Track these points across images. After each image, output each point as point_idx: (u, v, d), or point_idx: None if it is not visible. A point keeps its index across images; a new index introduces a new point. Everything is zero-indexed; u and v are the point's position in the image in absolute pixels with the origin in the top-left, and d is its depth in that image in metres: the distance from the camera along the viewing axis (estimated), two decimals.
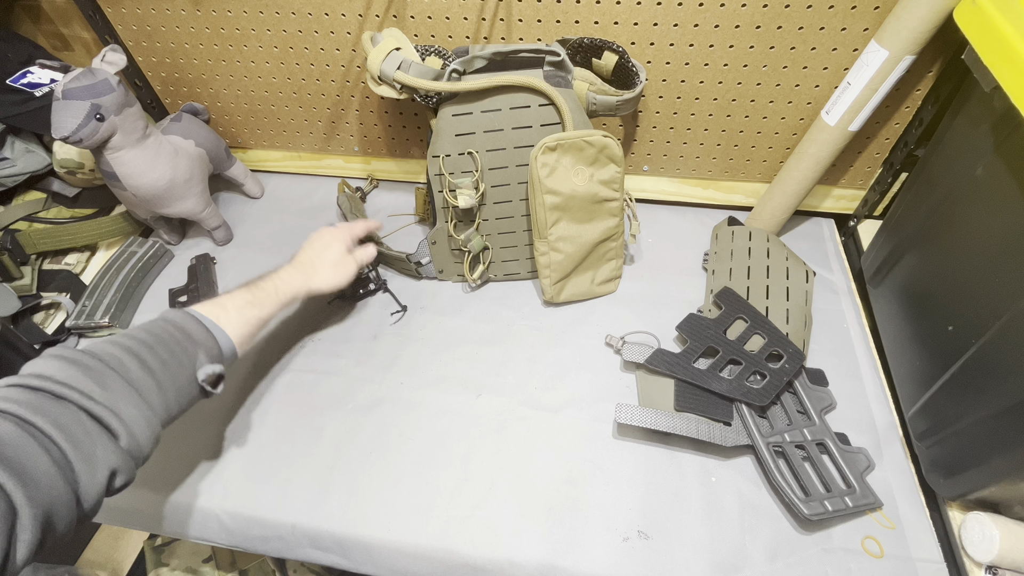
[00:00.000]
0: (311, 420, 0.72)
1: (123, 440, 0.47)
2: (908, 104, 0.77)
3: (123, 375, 0.49)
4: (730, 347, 0.70)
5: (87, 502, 0.44)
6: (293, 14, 0.83)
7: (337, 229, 0.77)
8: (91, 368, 0.48)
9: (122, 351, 0.51)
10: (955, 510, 0.61)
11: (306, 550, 0.64)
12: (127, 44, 0.93)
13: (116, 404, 0.47)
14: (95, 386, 0.46)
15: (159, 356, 0.52)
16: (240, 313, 0.61)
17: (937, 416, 0.61)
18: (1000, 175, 0.55)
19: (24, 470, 0.39)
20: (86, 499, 0.44)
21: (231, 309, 0.61)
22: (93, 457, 0.44)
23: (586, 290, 0.82)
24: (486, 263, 0.84)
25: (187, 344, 0.55)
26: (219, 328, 0.59)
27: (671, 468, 0.66)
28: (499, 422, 0.71)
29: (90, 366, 0.48)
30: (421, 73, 0.69)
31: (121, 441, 0.47)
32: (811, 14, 0.70)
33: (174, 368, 0.53)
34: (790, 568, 0.58)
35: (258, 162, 1.08)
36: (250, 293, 0.64)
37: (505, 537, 0.62)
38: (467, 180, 0.76)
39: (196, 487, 0.67)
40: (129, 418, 0.48)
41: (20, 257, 0.86)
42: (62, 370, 0.46)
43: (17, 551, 0.38)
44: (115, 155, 0.77)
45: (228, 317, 0.60)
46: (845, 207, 0.92)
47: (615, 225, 0.78)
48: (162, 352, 0.53)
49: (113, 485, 0.46)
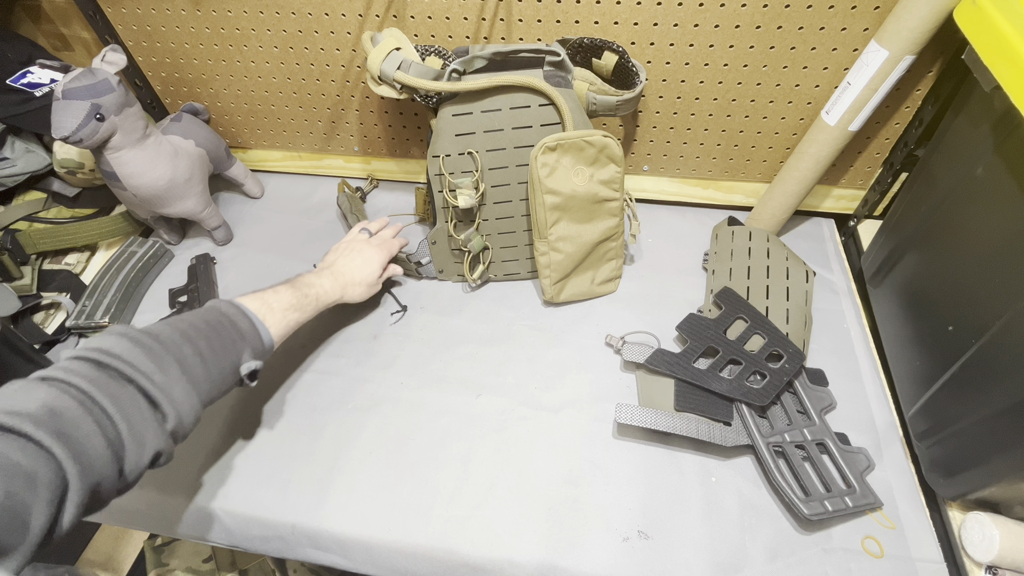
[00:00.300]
0: (311, 420, 0.72)
1: (171, 423, 0.50)
2: (908, 104, 0.77)
3: (179, 360, 0.51)
4: (730, 347, 0.70)
5: (128, 478, 0.47)
6: (293, 14, 0.83)
7: (380, 249, 0.78)
8: (153, 350, 0.50)
9: (181, 336, 0.53)
10: (955, 510, 0.61)
11: (306, 550, 0.64)
12: (127, 44, 0.93)
13: (171, 388, 0.50)
14: (156, 368, 0.49)
15: (212, 345, 0.55)
16: (284, 315, 0.64)
17: (937, 416, 0.61)
18: (1000, 175, 0.55)
19: (79, 447, 0.42)
20: (128, 476, 0.46)
21: (276, 309, 0.63)
22: (143, 439, 0.47)
23: (586, 290, 0.82)
24: (486, 263, 0.84)
25: (236, 337, 0.58)
26: (264, 326, 0.61)
27: (671, 468, 0.66)
28: (499, 422, 0.71)
29: (152, 348, 0.50)
30: (421, 73, 0.69)
31: (169, 424, 0.49)
32: (811, 14, 0.70)
33: (221, 358, 0.56)
34: (790, 568, 0.58)
35: (258, 162, 1.08)
36: (295, 297, 0.66)
37: (505, 537, 0.62)
38: (467, 180, 0.76)
39: (196, 487, 0.67)
40: (179, 402, 0.50)
41: (20, 257, 0.86)
42: (128, 349, 0.49)
43: (63, 522, 0.40)
44: (115, 155, 0.77)
45: (273, 316, 0.63)
46: (845, 207, 0.92)
47: (615, 225, 0.78)
48: (215, 340, 0.56)
49: (156, 464, 0.49)
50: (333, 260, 0.76)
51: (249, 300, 0.62)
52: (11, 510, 0.37)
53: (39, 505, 0.38)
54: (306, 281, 0.69)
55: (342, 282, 0.73)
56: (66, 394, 0.44)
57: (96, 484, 0.43)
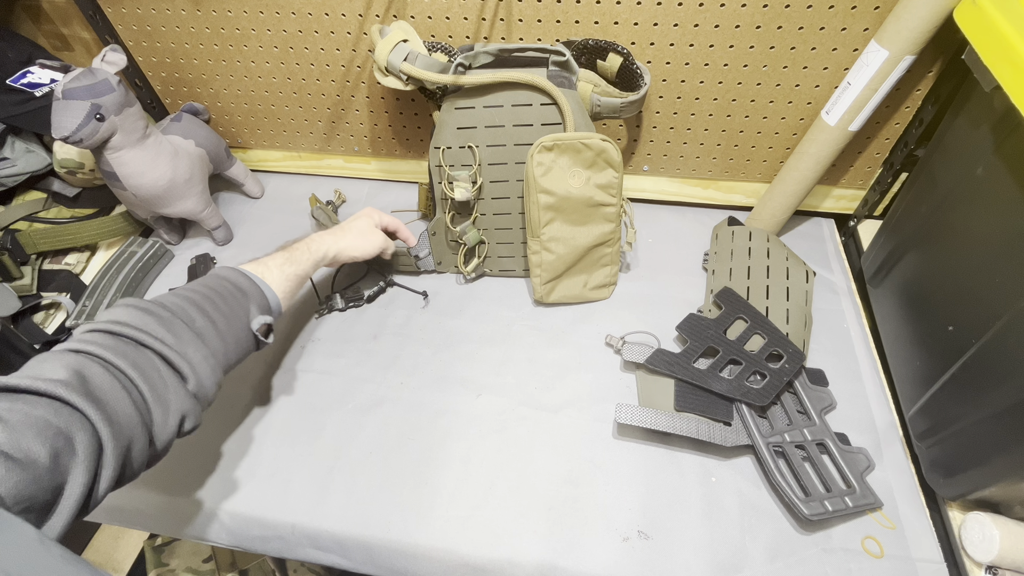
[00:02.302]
0: (311, 420, 0.72)
1: (191, 384, 0.51)
2: (908, 104, 0.77)
3: (189, 324, 0.53)
4: (730, 347, 0.70)
5: (159, 443, 0.48)
6: (293, 14, 0.83)
7: (369, 208, 0.81)
8: (162, 317, 0.51)
9: (187, 302, 0.55)
10: (955, 510, 0.61)
11: (306, 550, 0.65)
12: (127, 44, 0.93)
13: (185, 351, 0.51)
14: (168, 333, 0.50)
15: (219, 308, 0.56)
16: (281, 270, 0.66)
17: (937, 416, 0.61)
18: (1000, 175, 0.55)
19: (110, 409, 0.43)
20: (159, 440, 0.48)
21: (273, 267, 0.66)
22: (167, 401, 0.48)
23: (578, 293, 0.82)
24: (481, 256, 0.84)
25: (240, 297, 0.60)
26: (265, 284, 0.63)
27: (671, 468, 0.66)
28: (499, 422, 0.71)
29: (161, 315, 0.51)
30: (427, 65, 0.69)
31: (190, 385, 0.51)
32: (811, 14, 0.70)
33: (231, 319, 0.57)
34: (790, 568, 0.58)
35: (258, 162, 1.08)
36: (287, 252, 0.68)
37: (505, 537, 0.62)
38: (465, 173, 0.76)
39: (196, 487, 0.67)
40: (197, 364, 0.52)
41: (20, 257, 0.86)
42: (138, 318, 0.50)
43: (101, 483, 0.42)
44: (115, 155, 0.77)
45: (271, 274, 0.65)
46: (845, 207, 0.92)
47: (611, 231, 0.78)
48: (221, 304, 0.57)
49: (184, 428, 0.50)
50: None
51: (247, 264, 0.65)
52: (54, 472, 0.37)
53: (78, 467, 0.39)
54: (295, 240, 0.72)
55: (333, 232, 0.75)
56: (90, 360, 0.45)
57: (127, 448, 0.44)
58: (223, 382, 0.56)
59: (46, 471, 0.37)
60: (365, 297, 0.85)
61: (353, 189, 1.05)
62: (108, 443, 0.42)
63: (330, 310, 0.84)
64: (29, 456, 0.36)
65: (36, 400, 0.40)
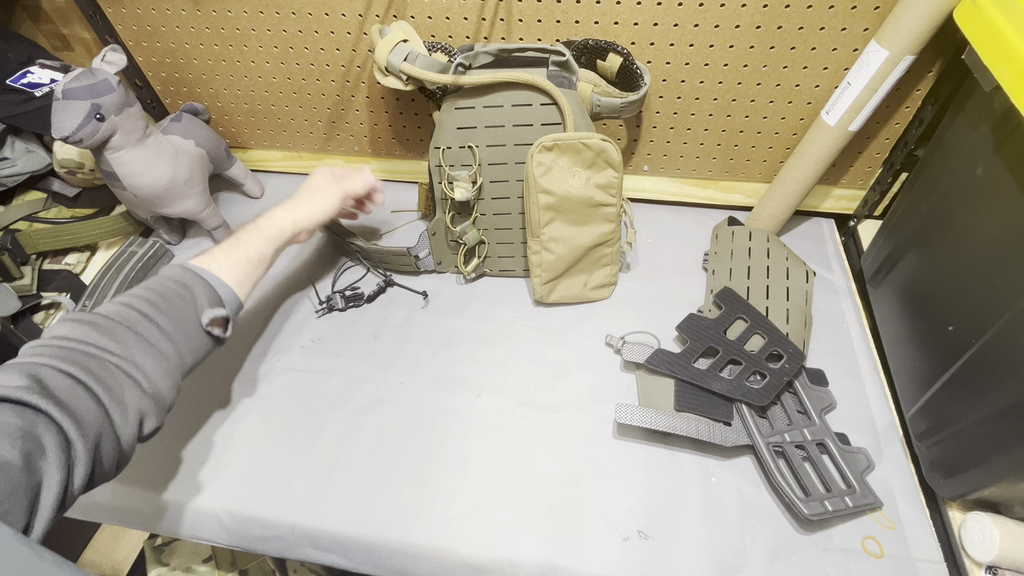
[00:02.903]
0: (311, 420, 0.72)
1: (145, 385, 0.51)
2: (908, 104, 0.77)
3: (132, 328, 0.52)
4: (730, 347, 0.70)
5: (124, 446, 0.48)
6: (293, 14, 0.83)
7: (319, 167, 0.77)
8: (101, 326, 0.51)
9: (127, 308, 0.54)
10: (955, 510, 0.61)
11: (306, 550, 0.64)
12: (127, 44, 0.93)
13: (132, 355, 0.51)
14: (111, 341, 0.50)
15: (160, 308, 0.55)
16: (228, 256, 0.63)
17: (937, 416, 0.61)
18: (1000, 175, 0.55)
19: (72, 408, 0.43)
20: (123, 443, 0.48)
21: (219, 256, 0.63)
22: (123, 400, 0.48)
23: (577, 293, 0.82)
24: (481, 257, 0.84)
25: (185, 293, 0.58)
26: (211, 274, 0.61)
27: (671, 468, 0.66)
28: (499, 422, 0.71)
29: (100, 324, 0.51)
30: (427, 65, 0.69)
31: (143, 386, 0.50)
32: (811, 14, 0.70)
33: (177, 318, 0.56)
34: (790, 568, 0.58)
35: (258, 162, 1.08)
36: (234, 237, 0.66)
37: (505, 537, 0.62)
38: (465, 173, 0.76)
39: (196, 487, 0.67)
40: (146, 367, 0.51)
41: (20, 257, 0.86)
42: (77, 330, 0.50)
43: (75, 480, 0.42)
44: (115, 155, 0.77)
45: (218, 263, 0.62)
46: (845, 207, 0.92)
47: (610, 231, 0.78)
48: (162, 304, 0.55)
49: (143, 431, 0.50)
50: None
51: (194, 259, 0.63)
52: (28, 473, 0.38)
53: (51, 467, 0.40)
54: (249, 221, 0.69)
55: (284, 204, 0.71)
56: (43, 367, 0.45)
57: (96, 444, 0.44)
58: (182, 384, 0.56)
59: (20, 472, 0.37)
60: (365, 297, 0.85)
61: None
62: (76, 441, 0.42)
63: (330, 310, 0.84)
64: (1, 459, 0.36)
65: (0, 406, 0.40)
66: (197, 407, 0.74)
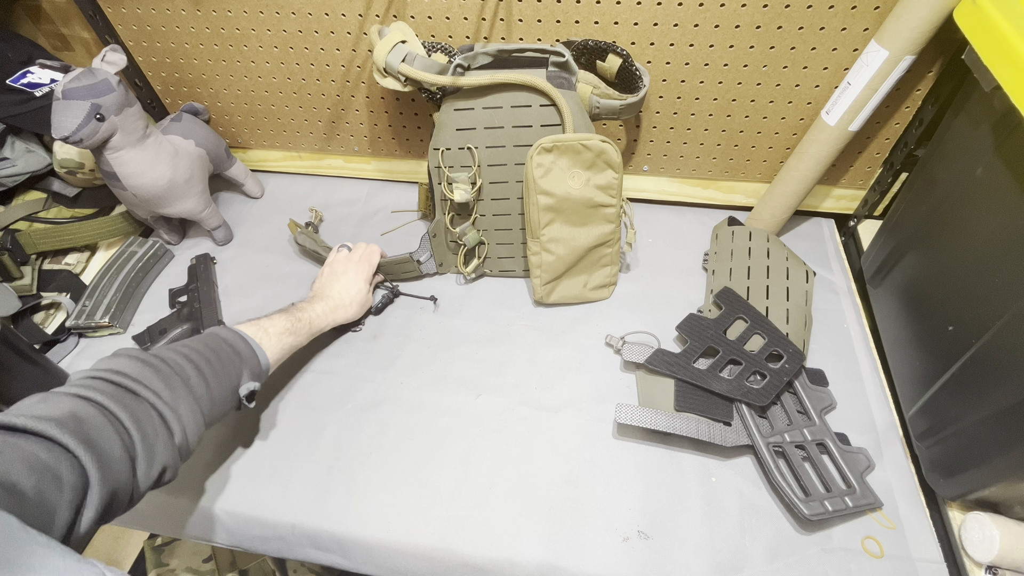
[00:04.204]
0: (311, 420, 0.72)
1: (177, 438, 0.52)
2: (908, 104, 0.77)
3: (184, 380, 0.54)
4: (730, 347, 0.70)
5: (138, 491, 0.48)
6: (293, 14, 0.83)
7: (360, 265, 0.80)
8: (160, 370, 0.53)
9: (184, 360, 0.56)
10: (955, 510, 0.61)
11: (306, 550, 0.65)
12: (127, 44, 0.93)
13: (177, 405, 0.52)
14: (164, 387, 0.52)
15: (214, 368, 0.57)
16: (279, 339, 0.67)
17: (937, 416, 0.61)
18: (1000, 175, 0.55)
19: (102, 451, 0.44)
20: (139, 488, 0.48)
21: (272, 334, 0.66)
22: (154, 451, 0.49)
23: (578, 294, 0.82)
24: (481, 257, 0.84)
25: (236, 360, 0.60)
26: (260, 349, 0.64)
27: (671, 468, 0.66)
28: (499, 422, 0.71)
29: (159, 368, 0.53)
30: (425, 66, 0.69)
31: (176, 439, 0.52)
32: (811, 14, 0.70)
33: (223, 380, 0.58)
34: (790, 568, 0.58)
35: (258, 162, 1.08)
36: (288, 322, 0.69)
37: (505, 537, 0.62)
38: (464, 175, 0.76)
39: (196, 487, 0.67)
40: (185, 419, 0.52)
41: (20, 257, 0.86)
42: (138, 369, 0.51)
43: (80, 526, 0.41)
44: (115, 155, 0.77)
45: (269, 341, 0.65)
46: (845, 207, 0.92)
47: (610, 232, 0.78)
48: (216, 364, 0.58)
49: (163, 479, 0.51)
50: (321, 287, 0.78)
51: (246, 326, 0.65)
52: (39, 505, 0.38)
53: (63, 505, 0.40)
54: (299, 307, 0.73)
55: (332, 305, 0.75)
56: (88, 404, 0.46)
57: (114, 491, 0.44)
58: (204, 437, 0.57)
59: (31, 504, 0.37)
60: (373, 309, 0.84)
61: (353, 189, 1.05)
62: (95, 485, 0.42)
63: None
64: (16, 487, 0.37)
65: (30, 438, 0.40)
66: None
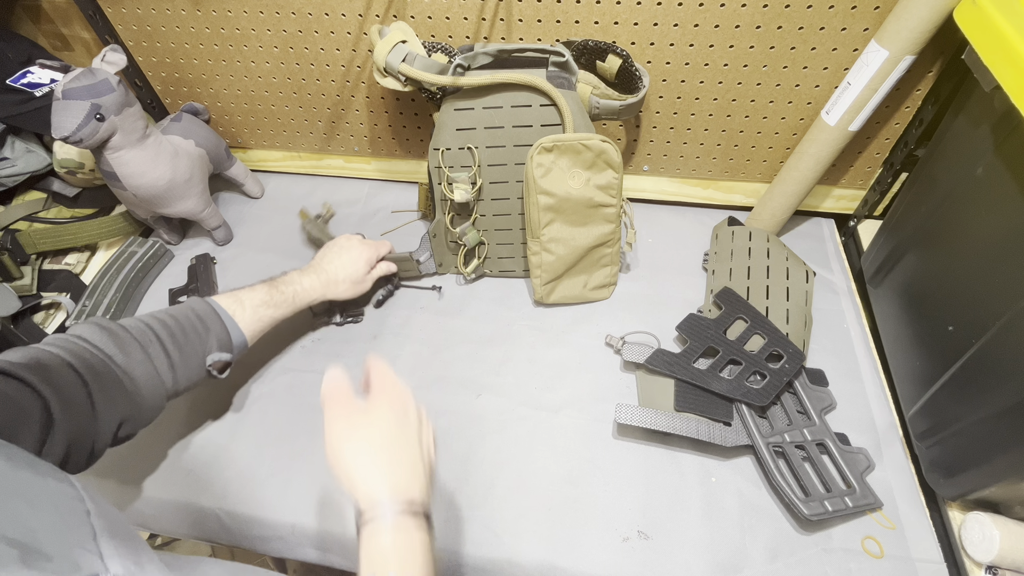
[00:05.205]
0: (311, 420, 0.72)
1: (134, 396, 0.55)
2: (908, 104, 0.77)
3: (143, 346, 0.56)
4: (730, 347, 0.70)
5: (98, 443, 0.51)
6: (293, 14, 0.83)
7: (366, 245, 0.79)
8: (118, 336, 0.55)
9: (146, 328, 0.58)
10: (955, 510, 0.61)
11: (306, 550, 0.64)
12: (127, 44, 0.93)
13: (132, 368, 0.55)
14: (118, 351, 0.54)
15: (175, 338, 0.59)
16: (255, 311, 0.66)
17: (937, 416, 0.61)
18: (1000, 175, 0.55)
19: (64, 394, 0.47)
20: (98, 439, 0.51)
21: (248, 306, 0.66)
22: (113, 401, 0.52)
23: (578, 294, 0.82)
24: (481, 258, 0.84)
25: (202, 331, 0.61)
26: (233, 322, 0.64)
27: (671, 468, 0.66)
28: (499, 422, 0.71)
29: (118, 335, 0.55)
30: (425, 66, 0.69)
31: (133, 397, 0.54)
32: (811, 14, 0.70)
33: (186, 350, 0.60)
34: (790, 568, 0.58)
35: (258, 162, 1.08)
36: (268, 294, 0.68)
37: (505, 537, 0.62)
38: (464, 175, 0.76)
39: (196, 487, 0.67)
40: (140, 382, 0.55)
41: (20, 257, 0.86)
42: (95, 334, 0.54)
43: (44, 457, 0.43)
44: (115, 155, 0.77)
45: (244, 313, 0.65)
46: (845, 207, 0.92)
47: (610, 232, 0.78)
48: (179, 334, 0.60)
49: (120, 433, 0.54)
50: (320, 258, 0.77)
51: (223, 298, 0.66)
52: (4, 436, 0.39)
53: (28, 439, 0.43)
54: (287, 279, 0.71)
55: (324, 279, 0.74)
56: (51, 355, 0.50)
57: (75, 435, 0.47)
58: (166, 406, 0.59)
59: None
60: (374, 303, 0.84)
61: (353, 189, 1.05)
62: (60, 423, 0.45)
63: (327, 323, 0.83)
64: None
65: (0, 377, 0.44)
66: (197, 407, 0.74)
